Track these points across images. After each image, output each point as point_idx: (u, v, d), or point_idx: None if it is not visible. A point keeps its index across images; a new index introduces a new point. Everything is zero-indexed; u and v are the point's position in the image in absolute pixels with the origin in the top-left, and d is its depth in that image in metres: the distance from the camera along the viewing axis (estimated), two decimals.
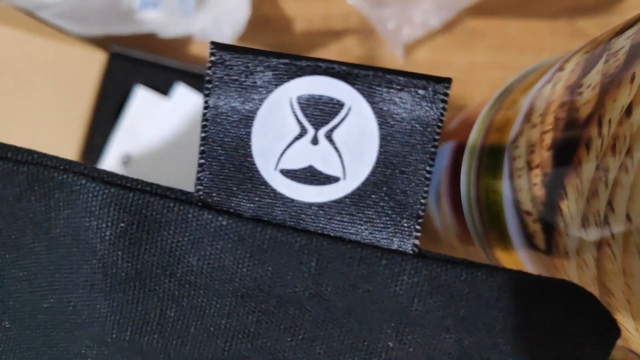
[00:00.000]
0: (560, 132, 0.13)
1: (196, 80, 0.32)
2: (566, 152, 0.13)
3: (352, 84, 0.12)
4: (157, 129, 0.32)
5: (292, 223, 0.13)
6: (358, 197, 0.13)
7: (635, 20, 0.12)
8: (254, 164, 0.13)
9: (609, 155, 0.11)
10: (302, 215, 0.13)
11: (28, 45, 0.29)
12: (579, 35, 0.40)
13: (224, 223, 0.13)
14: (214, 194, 0.13)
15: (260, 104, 0.12)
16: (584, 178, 0.12)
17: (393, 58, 0.40)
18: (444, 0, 0.36)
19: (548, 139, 0.14)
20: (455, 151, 0.23)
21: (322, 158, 0.13)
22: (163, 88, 0.32)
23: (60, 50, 0.30)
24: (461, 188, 0.20)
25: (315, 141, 0.12)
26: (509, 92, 0.20)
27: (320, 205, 0.13)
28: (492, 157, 0.18)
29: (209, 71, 0.12)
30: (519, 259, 0.17)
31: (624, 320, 0.11)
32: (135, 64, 0.32)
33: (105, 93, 0.32)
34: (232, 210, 0.13)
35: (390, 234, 0.13)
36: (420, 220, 0.12)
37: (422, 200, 0.12)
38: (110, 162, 0.32)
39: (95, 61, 0.32)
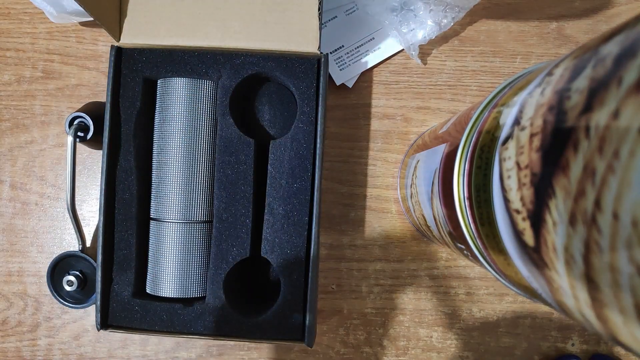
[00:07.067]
0: (549, 134, 0.13)
1: None
2: (554, 154, 0.13)
3: None
4: None
5: None
6: None
7: (622, 27, 0.12)
8: None
9: (597, 156, 0.11)
10: None
11: None
12: (567, 42, 0.41)
13: None
14: None
15: None
16: (572, 178, 0.12)
17: None
18: (454, 0, 0.36)
19: (537, 141, 0.14)
20: (448, 153, 0.23)
21: None
22: None
23: None
24: (453, 188, 0.20)
25: None
26: (500, 96, 0.21)
27: None
28: (482, 158, 0.18)
29: None
30: (509, 256, 0.17)
31: (613, 315, 0.11)
32: None
33: None
34: None
35: None
36: None
37: None
38: None
39: None
